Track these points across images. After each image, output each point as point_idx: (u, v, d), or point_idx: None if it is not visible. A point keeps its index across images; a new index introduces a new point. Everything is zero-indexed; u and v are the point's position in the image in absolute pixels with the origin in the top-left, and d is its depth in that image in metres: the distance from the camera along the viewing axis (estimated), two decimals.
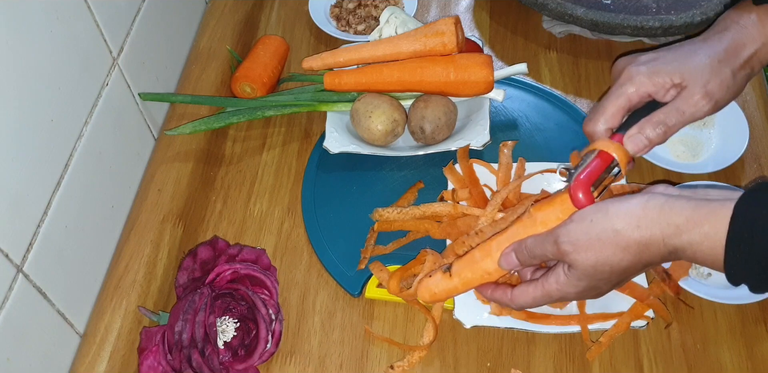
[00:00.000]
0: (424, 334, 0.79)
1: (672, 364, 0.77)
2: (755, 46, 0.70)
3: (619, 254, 0.62)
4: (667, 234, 0.60)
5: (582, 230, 0.63)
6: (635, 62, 0.72)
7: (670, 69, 0.69)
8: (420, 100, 0.92)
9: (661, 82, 0.70)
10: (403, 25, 0.97)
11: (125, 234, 0.87)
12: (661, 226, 0.60)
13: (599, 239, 0.62)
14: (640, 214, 0.61)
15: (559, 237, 0.65)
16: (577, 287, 0.66)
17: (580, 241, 0.63)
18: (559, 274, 0.67)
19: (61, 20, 0.74)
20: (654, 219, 0.61)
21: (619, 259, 0.63)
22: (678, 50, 0.72)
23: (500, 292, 0.72)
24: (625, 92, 0.71)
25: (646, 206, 0.61)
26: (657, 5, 1.03)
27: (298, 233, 0.89)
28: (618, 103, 0.71)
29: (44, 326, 0.73)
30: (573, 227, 0.64)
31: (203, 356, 0.73)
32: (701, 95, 0.69)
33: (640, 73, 0.70)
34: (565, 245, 0.64)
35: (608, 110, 0.71)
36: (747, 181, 0.90)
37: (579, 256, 0.64)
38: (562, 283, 0.66)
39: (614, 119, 0.71)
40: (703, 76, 0.68)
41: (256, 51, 1.02)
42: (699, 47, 0.71)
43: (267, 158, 0.96)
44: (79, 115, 0.79)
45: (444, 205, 0.84)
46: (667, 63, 0.70)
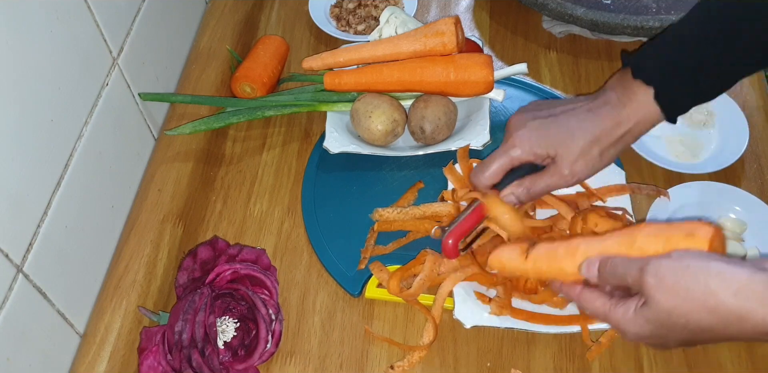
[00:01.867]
0: (424, 334, 0.79)
1: (672, 364, 0.77)
2: (628, 125, 0.76)
3: (703, 313, 0.58)
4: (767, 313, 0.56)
5: (674, 270, 0.59)
6: (526, 128, 0.78)
7: (548, 144, 0.77)
8: (420, 100, 0.92)
9: (539, 153, 0.78)
10: (403, 25, 0.97)
11: (125, 234, 0.87)
12: (763, 303, 0.55)
13: (688, 289, 0.58)
14: (742, 282, 0.56)
15: (648, 266, 0.60)
16: (642, 327, 0.62)
17: (667, 279, 0.59)
18: (629, 307, 0.63)
19: (61, 20, 0.74)
20: (756, 293, 0.56)
21: (701, 318, 0.58)
22: (563, 124, 0.77)
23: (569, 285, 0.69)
24: (511, 155, 0.78)
25: (753, 278, 0.56)
26: (657, 5, 1.03)
27: (298, 233, 0.89)
28: (500, 163, 0.79)
29: (44, 326, 0.73)
30: (667, 264, 0.60)
31: (203, 356, 0.73)
32: (567, 172, 0.77)
33: (524, 142, 0.78)
34: (649, 276, 0.60)
35: (491, 168, 0.79)
36: (747, 182, 0.90)
37: (659, 295, 0.59)
38: (628, 318, 0.63)
39: (496, 176, 0.79)
40: (572, 156, 0.76)
41: (256, 51, 1.02)
42: (580, 124, 0.77)
43: (267, 158, 0.96)
44: (79, 115, 0.79)
45: (444, 205, 0.84)
46: (547, 137, 0.77)
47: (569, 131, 0.77)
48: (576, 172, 0.77)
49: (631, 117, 0.76)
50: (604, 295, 0.66)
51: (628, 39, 1.05)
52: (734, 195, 0.87)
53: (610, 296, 0.65)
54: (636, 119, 0.76)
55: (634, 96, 0.75)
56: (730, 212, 0.86)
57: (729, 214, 0.86)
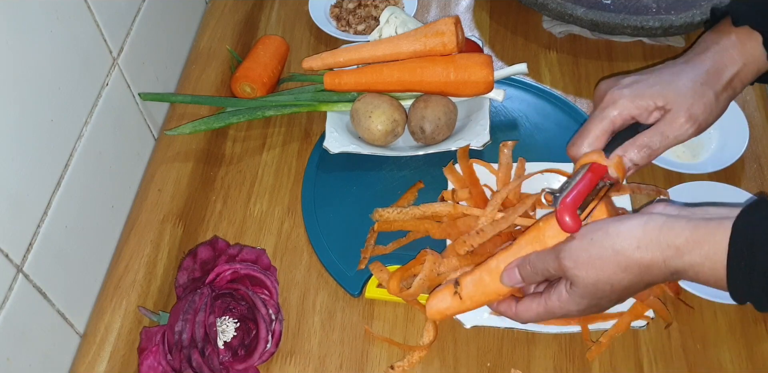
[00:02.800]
0: (424, 334, 0.79)
1: (672, 364, 0.77)
2: (736, 67, 0.71)
3: (620, 273, 0.63)
4: (667, 256, 0.60)
5: (583, 248, 0.64)
6: (618, 85, 0.72)
7: (653, 92, 0.69)
8: (420, 100, 0.92)
9: (645, 105, 0.70)
10: (403, 25, 0.97)
11: (125, 234, 0.87)
12: (661, 247, 0.60)
13: (600, 258, 0.63)
14: (639, 235, 0.61)
15: (561, 252, 0.65)
16: (579, 304, 0.67)
17: (581, 258, 0.64)
18: (561, 291, 0.67)
19: (61, 20, 0.74)
20: (654, 240, 0.61)
21: (620, 278, 0.63)
22: (660, 73, 0.72)
23: (505, 305, 0.73)
24: (609, 115, 0.71)
25: (646, 227, 0.61)
26: (657, 5, 1.03)
27: (298, 233, 0.89)
28: (602, 127, 0.71)
29: (44, 326, 0.73)
30: (574, 245, 0.65)
31: (203, 356, 0.73)
32: (685, 119, 0.69)
33: (623, 96, 0.70)
34: (566, 260, 0.65)
35: (592, 133, 0.71)
36: (747, 182, 0.90)
37: (580, 272, 0.64)
38: (564, 300, 0.67)
39: (598, 142, 0.72)
40: (686, 100, 0.69)
41: (256, 51, 1.02)
42: (681, 70, 0.71)
43: (267, 158, 0.96)
44: (79, 115, 0.79)
45: (444, 205, 0.84)
46: (649, 86, 0.70)
47: (673, 77, 0.70)
48: (696, 117, 0.69)
49: (737, 60, 0.70)
50: (534, 296, 0.70)
51: (628, 39, 1.05)
52: (734, 195, 0.87)
53: (539, 293, 0.69)
54: (743, 62, 0.70)
55: (738, 41, 0.70)
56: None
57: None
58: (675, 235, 0.60)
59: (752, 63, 0.71)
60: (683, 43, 1.04)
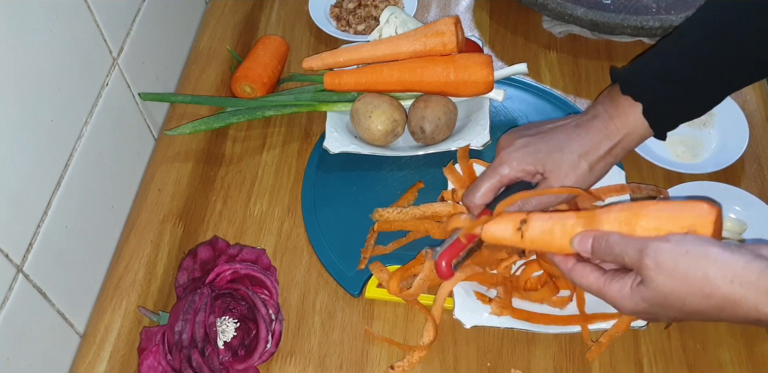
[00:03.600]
0: (424, 334, 0.79)
1: (672, 364, 0.77)
2: (617, 138, 0.75)
3: (699, 298, 0.60)
4: (760, 301, 0.58)
5: (673, 255, 0.60)
6: (511, 146, 0.78)
7: (536, 159, 0.76)
8: (420, 100, 0.92)
9: (528, 170, 0.77)
10: (403, 25, 0.97)
11: (125, 234, 0.87)
12: (757, 291, 0.58)
13: (686, 274, 0.60)
14: (739, 270, 0.58)
15: (647, 249, 0.62)
16: (637, 305, 0.64)
17: (666, 264, 0.60)
18: (625, 283, 0.64)
19: (61, 20, 0.74)
20: (751, 282, 0.58)
21: (697, 302, 0.60)
22: (550, 140, 0.77)
23: (563, 259, 0.69)
24: (499, 174, 0.77)
25: (748, 266, 0.58)
26: (657, 5, 1.03)
27: (298, 233, 0.89)
28: (491, 183, 0.78)
29: (44, 326, 0.73)
30: (666, 247, 0.61)
31: (203, 356, 0.73)
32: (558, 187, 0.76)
33: (513, 159, 0.77)
34: (649, 259, 0.61)
35: (482, 188, 0.78)
36: (747, 182, 0.90)
37: (658, 278, 0.61)
38: (624, 295, 0.64)
39: (487, 196, 0.78)
40: (561, 171, 0.75)
41: (256, 51, 1.02)
42: (568, 138, 0.76)
43: (267, 158, 0.96)
44: (79, 115, 0.79)
45: (444, 205, 0.84)
46: (535, 153, 0.76)
47: (557, 146, 0.76)
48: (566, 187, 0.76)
49: (620, 130, 0.75)
50: (597, 269, 0.67)
51: (628, 39, 1.05)
52: (734, 195, 0.87)
53: (603, 270, 0.67)
54: (625, 132, 0.75)
55: (622, 111, 0.75)
56: (730, 212, 0.86)
57: (729, 214, 0.86)
58: None
59: (634, 133, 0.75)
60: None
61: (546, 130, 0.78)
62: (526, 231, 0.69)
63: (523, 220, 0.70)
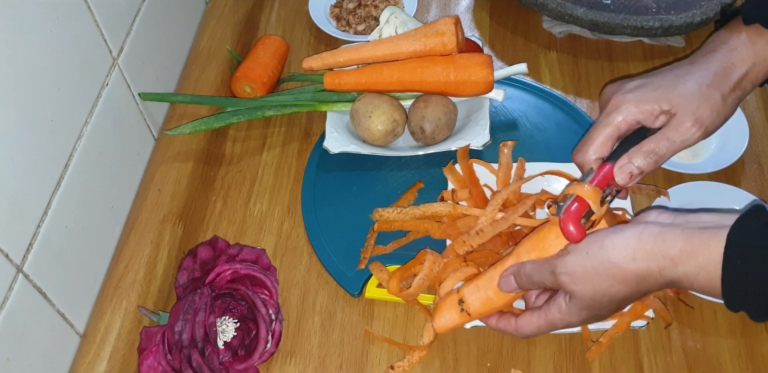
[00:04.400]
0: (424, 334, 0.79)
1: (672, 364, 0.77)
2: (745, 67, 0.69)
3: (617, 285, 0.63)
4: (662, 266, 0.60)
5: (578, 262, 0.64)
6: (622, 90, 0.70)
7: (657, 96, 0.68)
8: (420, 100, 0.92)
9: (650, 110, 0.68)
10: (403, 25, 0.97)
11: (125, 234, 0.87)
12: (656, 258, 0.61)
13: (596, 272, 0.63)
14: (634, 246, 0.62)
15: (557, 268, 0.65)
16: (579, 316, 0.67)
17: (577, 272, 0.64)
18: (560, 304, 0.67)
19: (61, 20, 0.74)
20: (649, 251, 0.61)
21: (617, 290, 0.63)
22: (665, 75, 0.70)
23: (504, 322, 0.72)
24: (613, 121, 0.69)
25: (641, 238, 0.62)
26: (657, 5, 1.03)
27: (298, 233, 0.89)
28: (606, 133, 0.69)
29: (44, 326, 0.73)
30: (569, 259, 0.65)
31: (203, 356, 0.73)
32: (691, 123, 0.67)
33: (628, 101, 0.69)
34: (562, 276, 0.65)
35: (597, 140, 0.70)
36: (747, 182, 0.90)
37: (577, 287, 0.65)
38: (564, 313, 0.67)
39: (604, 149, 0.70)
40: (692, 103, 0.67)
41: (256, 51, 1.02)
42: (687, 71, 0.69)
43: (267, 158, 0.96)
44: (79, 115, 0.79)
45: (444, 205, 0.84)
46: (654, 89, 0.68)
47: (678, 80, 0.68)
48: (702, 120, 0.67)
49: (746, 59, 0.68)
50: (533, 311, 0.70)
51: (628, 39, 1.05)
52: (734, 195, 0.87)
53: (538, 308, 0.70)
54: (753, 61, 0.68)
55: (748, 40, 0.68)
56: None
57: None
58: (669, 245, 0.60)
59: (762, 63, 0.69)
60: (683, 43, 1.04)
61: (655, 72, 0.71)
62: (469, 308, 0.73)
63: (459, 300, 0.73)
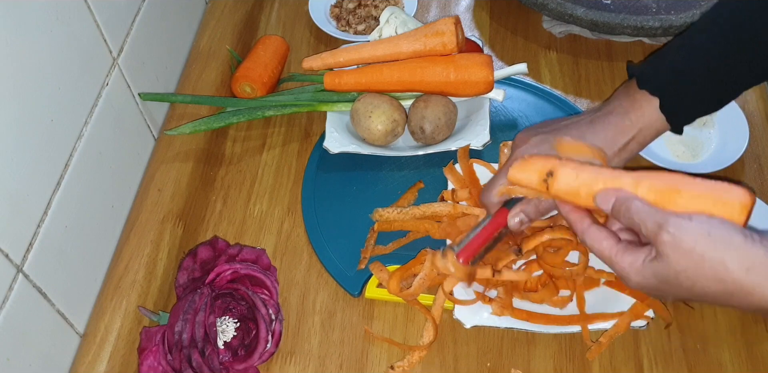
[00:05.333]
0: (424, 334, 0.79)
1: (672, 364, 0.77)
2: (632, 132, 0.75)
3: (711, 281, 0.59)
4: None
5: (694, 235, 0.59)
6: (528, 143, 0.76)
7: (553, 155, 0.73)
8: (420, 100, 0.92)
9: None
10: (403, 25, 0.97)
11: (125, 234, 0.87)
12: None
13: (702, 256, 0.59)
14: (757, 260, 0.58)
15: (668, 224, 0.60)
16: (645, 278, 0.62)
17: (685, 242, 0.59)
18: (638, 257, 0.62)
19: (61, 20, 0.74)
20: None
21: (708, 285, 0.59)
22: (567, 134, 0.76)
23: (578, 216, 0.67)
24: None
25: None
26: (657, 5, 1.03)
27: (298, 233, 0.89)
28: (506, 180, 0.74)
29: (44, 326, 0.73)
30: (688, 226, 0.59)
31: (203, 356, 0.73)
32: None
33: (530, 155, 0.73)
34: (667, 235, 0.60)
35: (499, 186, 0.75)
36: (747, 182, 0.90)
37: (673, 254, 0.60)
38: (635, 268, 0.63)
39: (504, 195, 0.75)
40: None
41: (256, 51, 1.02)
42: (583, 133, 0.75)
43: (267, 158, 0.96)
44: (79, 115, 0.79)
45: (444, 205, 0.84)
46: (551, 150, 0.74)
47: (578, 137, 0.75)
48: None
49: (635, 125, 0.75)
50: (611, 236, 0.65)
51: (628, 39, 1.05)
52: None
53: (618, 238, 0.65)
54: (640, 126, 0.75)
55: (638, 105, 0.75)
56: None
57: None
58: None
59: (650, 127, 0.75)
60: None
61: (560, 127, 0.77)
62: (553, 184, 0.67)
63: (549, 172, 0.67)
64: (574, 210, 0.68)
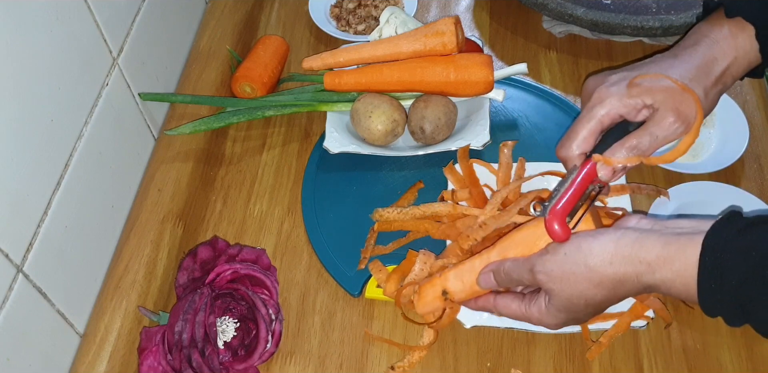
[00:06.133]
0: (424, 334, 0.79)
1: (672, 364, 0.77)
2: (727, 61, 0.69)
3: (593, 289, 0.63)
4: (639, 272, 0.61)
5: (556, 263, 0.64)
6: (605, 83, 0.70)
7: (641, 90, 0.67)
8: (420, 100, 0.92)
9: (632, 104, 0.67)
10: (403, 25, 0.97)
11: (125, 234, 0.87)
12: (633, 263, 0.61)
13: (573, 273, 0.63)
14: (612, 251, 0.62)
15: (535, 266, 0.66)
16: (557, 317, 0.68)
17: (554, 272, 0.64)
18: (541, 304, 0.68)
19: (61, 20, 0.74)
20: (626, 256, 0.61)
21: (593, 293, 0.64)
22: (648, 69, 0.69)
23: (483, 299, 0.73)
24: (596, 115, 0.68)
25: (618, 243, 0.62)
26: (657, 5, 1.03)
27: (298, 233, 0.89)
28: (589, 127, 0.69)
29: (44, 326, 0.73)
30: (548, 258, 0.65)
31: (203, 356, 0.73)
32: (674, 118, 0.67)
33: (611, 94, 0.68)
34: (540, 274, 0.65)
35: (580, 134, 0.69)
36: (747, 181, 0.90)
37: (555, 286, 0.65)
38: (543, 313, 0.68)
39: (587, 143, 0.70)
40: (674, 98, 0.66)
41: (256, 51, 1.02)
42: (670, 65, 0.69)
43: (267, 158, 0.96)
44: (79, 115, 0.79)
45: (444, 205, 0.84)
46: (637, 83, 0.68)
47: (660, 71, 0.68)
48: (684, 115, 0.67)
49: (728, 53, 0.69)
50: (516, 297, 0.70)
51: (628, 39, 1.05)
52: (734, 195, 0.87)
53: (522, 296, 0.70)
54: (734, 55, 0.69)
55: (730, 33, 0.69)
56: None
57: None
58: (646, 251, 0.60)
59: (743, 56, 0.69)
60: None
61: (639, 65, 0.71)
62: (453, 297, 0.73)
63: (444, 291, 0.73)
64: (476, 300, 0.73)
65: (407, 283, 0.78)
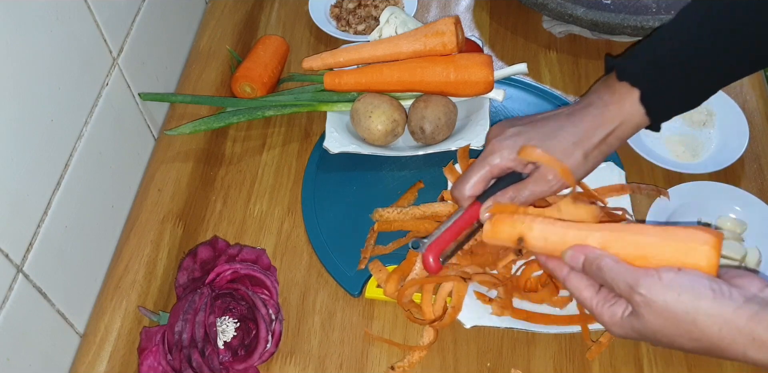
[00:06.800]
0: (424, 334, 0.79)
1: (672, 364, 0.77)
2: (612, 126, 0.74)
3: (686, 340, 0.61)
4: (748, 347, 0.58)
5: (665, 297, 0.60)
6: (502, 135, 0.76)
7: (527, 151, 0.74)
8: (420, 100, 0.92)
9: (520, 159, 0.74)
10: (403, 25, 0.97)
11: (125, 234, 0.87)
12: (743, 336, 0.58)
13: (674, 318, 0.60)
14: (727, 317, 0.58)
15: (639, 287, 0.61)
16: (627, 333, 0.64)
17: (657, 305, 0.60)
18: (617, 311, 0.64)
19: (61, 20, 0.74)
20: (740, 328, 0.58)
21: (683, 342, 0.61)
22: (542, 128, 0.75)
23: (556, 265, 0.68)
24: (489, 164, 0.75)
25: (737, 312, 0.58)
26: (657, 5, 1.03)
27: (298, 233, 0.89)
28: (480, 174, 0.76)
29: (44, 326, 0.73)
30: (658, 288, 0.61)
31: (203, 356, 0.73)
32: (552, 176, 0.73)
33: (504, 147, 0.75)
34: (639, 296, 0.61)
35: (472, 180, 0.76)
36: (747, 182, 0.90)
37: (648, 315, 0.61)
38: (615, 321, 0.64)
39: (476, 188, 0.76)
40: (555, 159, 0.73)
41: (256, 51, 1.02)
42: (561, 126, 0.74)
43: (267, 158, 0.96)
44: (79, 115, 0.79)
45: (444, 205, 0.84)
46: (528, 140, 0.74)
47: (550, 134, 0.74)
48: (560, 177, 0.73)
49: (614, 118, 0.73)
50: (591, 285, 0.66)
51: (628, 39, 1.05)
52: (734, 195, 0.87)
53: (597, 287, 0.66)
54: (620, 120, 0.73)
55: (619, 97, 0.73)
56: (730, 212, 0.86)
57: (729, 214, 0.86)
58: (764, 328, 0.57)
59: (629, 121, 0.74)
60: None
61: (538, 119, 0.77)
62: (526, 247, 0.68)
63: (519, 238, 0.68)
64: (551, 259, 0.68)
65: (408, 283, 0.78)
